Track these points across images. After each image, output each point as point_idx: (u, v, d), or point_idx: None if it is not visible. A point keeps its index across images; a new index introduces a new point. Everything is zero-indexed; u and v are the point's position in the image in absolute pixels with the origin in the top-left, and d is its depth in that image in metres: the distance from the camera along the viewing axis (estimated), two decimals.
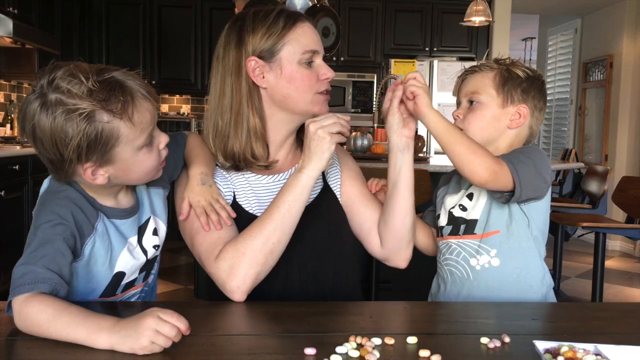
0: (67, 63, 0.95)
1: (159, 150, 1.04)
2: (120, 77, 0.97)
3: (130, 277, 1.11)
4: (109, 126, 0.94)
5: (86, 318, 0.85)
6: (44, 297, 0.88)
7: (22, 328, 0.88)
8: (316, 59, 1.20)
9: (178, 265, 4.41)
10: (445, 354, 0.83)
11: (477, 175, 1.12)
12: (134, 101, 0.96)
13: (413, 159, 1.22)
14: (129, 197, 1.11)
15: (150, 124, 1.00)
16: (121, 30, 5.56)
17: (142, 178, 1.05)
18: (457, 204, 1.29)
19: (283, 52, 1.17)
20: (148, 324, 0.81)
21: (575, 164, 4.22)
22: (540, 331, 0.98)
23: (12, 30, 3.73)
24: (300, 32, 1.18)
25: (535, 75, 1.30)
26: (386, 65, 5.44)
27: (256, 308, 1.05)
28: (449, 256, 1.28)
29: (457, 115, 1.30)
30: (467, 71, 1.33)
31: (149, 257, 1.13)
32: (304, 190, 1.11)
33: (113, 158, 0.97)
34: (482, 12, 4.07)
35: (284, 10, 1.20)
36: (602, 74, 5.73)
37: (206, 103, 6.15)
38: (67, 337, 0.84)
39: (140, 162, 1.01)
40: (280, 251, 1.10)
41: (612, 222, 3.27)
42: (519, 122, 1.27)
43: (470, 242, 1.25)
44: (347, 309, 1.08)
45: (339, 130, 1.10)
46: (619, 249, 5.52)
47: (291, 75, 1.17)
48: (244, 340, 0.90)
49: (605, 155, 5.65)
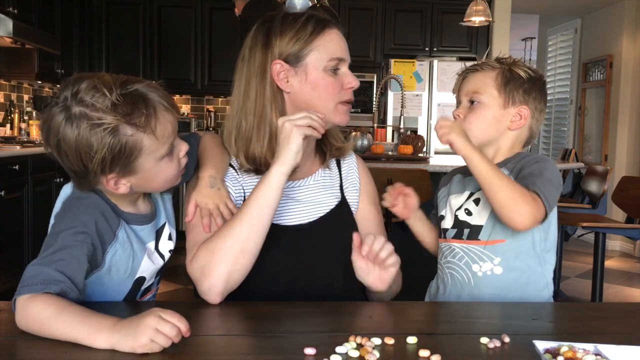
0: (91, 75, 0.97)
1: (179, 158, 1.05)
2: (143, 90, 0.98)
3: (150, 282, 1.12)
4: (132, 139, 0.95)
5: (87, 317, 0.85)
6: (48, 297, 0.89)
7: (22, 326, 0.88)
8: (342, 67, 1.19)
9: (178, 265, 4.39)
10: (445, 354, 0.83)
11: (517, 224, 1.10)
12: (156, 114, 0.98)
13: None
14: (146, 203, 1.12)
15: (172, 134, 1.01)
16: (121, 30, 5.56)
17: (163, 186, 1.07)
18: (463, 207, 1.27)
19: (309, 58, 1.16)
20: (149, 323, 0.81)
21: (575, 164, 4.21)
22: (540, 331, 0.98)
23: (12, 30, 3.73)
24: (329, 39, 1.17)
25: (537, 76, 1.29)
26: (386, 65, 5.44)
27: (256, 308, 1.05)
28: (451, 259, 1.27)
29: (457, 115, 1.28)
30: (468, 69, 1.31)
31: (166, 261, 1.14)
32: (273, 187, 1.08)
33: (136, 169, 0.99)
34: (482, 12, 4.07)
35: (313, 15, 1.19)
36: (602, 74, 5.73)
37: (206, 103, 6.14)
38: (68, 336, 0.84)
39: (162, 172, 1.03)
40: (253, 250, 1.08)
41: (612, 222, 3.27)
42: (519, 124, 1.26)
43: (473, 247, 1.23)
44: (347, 309, 1.08)
45: (308, 124, 1.08)
46: (619, 249, 5.52)
47: (316, 81, 1.16)
48: (243, 340, 0.90)
49: (605, 155, 5.65)
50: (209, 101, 6.00)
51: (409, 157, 3.21)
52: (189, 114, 5.93)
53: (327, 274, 1.20)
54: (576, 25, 6.26)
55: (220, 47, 5.56)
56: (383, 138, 3.95)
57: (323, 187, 1.27)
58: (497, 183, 1.10)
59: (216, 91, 5.78)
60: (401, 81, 3.76)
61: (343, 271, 1.18)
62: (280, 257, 1.17)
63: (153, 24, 5.58)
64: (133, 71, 5.59)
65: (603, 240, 3.12)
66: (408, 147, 3.24)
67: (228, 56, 5.60)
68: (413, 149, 3.26)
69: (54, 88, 5.41)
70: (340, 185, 1.30)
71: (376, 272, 1.10)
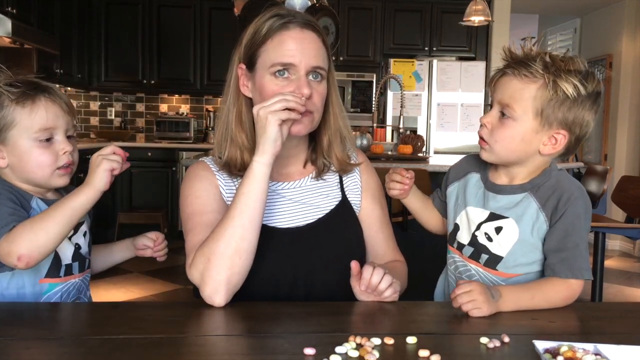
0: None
1: (59, 154, 1.16)
2: (42, 82, 1.18)
3: (66, 261, 1.19)
4: (8, 109, 1.13)
5: (63, 200, 1.06)
6: (19, 225, 1.04)
7: (21, 248, 1.02)
8: (292, 74, 1.11)
9: (177, 265, 4.40)
10: (444, 353, 0.83)
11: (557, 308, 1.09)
12: (37, 97, 1.14)
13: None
14: (57, 195, 1.22)
15: (51, 123, 1.15)
16: (120, 30, 5.56)
17: (38, 174, 1.16)
18: (483, 230, 1.19)
19: (259, 62, 1.13)
20: (94, 159, 1.05)
21: (575, 164, 4.21)
22: (539, 331, 0.98)
23: (11, 30, 3.72)
24: (278, 41, 1.11)
25: (588, 92, 1.08)
26: (385, 64, 5.44)
27: (256, 308, 1.05)
28: (465, 277, 1.22)
29: (485, 124, 1.15)
30: (509, 66, 1.12)
31: (80, 251, 1.23)
32: (257, 179, 1.05)
33: (8, 140, 1.14)
34: (482, 11, 4.07)
35: (276, 14, 1.13)
36: (601, 74, 5.73)
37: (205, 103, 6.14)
38: (63, 216, 1.04)
39: (34, 156, 1.15)
40: (248, 248, 1.05)
41: (611, 222, 3.27)
42: (553, 149, 1.12)
43: (491, 276, 1.18)
44: (347, 309, 1.08)
45: (284, 107, 1.03)
46: (619, 249, 5.52)
47: (261, 87, 1.13)
48: (243, 340, 0.90)
49: (604, 155, 5.65)
50: (208, 101, 6.00)
51: (409, 156, 3.21)
52: (188, 113, 5.92)
53: (327, 276, 1.18)
54: (576, 25, 6.26)
55: (220, 47, 5.56)
56: (382, 138, 3.95)
57: (320, 187, 1.25)
58: (534, 303, 1.07)
59: (215, 91, 5.78)
60: (401, 81, 3.76)
61: (344, 273, 1.16)
62: (278, 261, 1.16)
63: (152, 23, 5.58)
64: (132, 71, 5.60)
65: (603, 240, 3.12)
66: (407, 146, 3.25)
67: (227, 56, 5.59)
68: (412, 149, 3.26)
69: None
70: (341, 184, 1.27)
71: (376, 298, 1.09)
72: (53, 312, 1.08)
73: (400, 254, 1.31)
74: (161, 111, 5.99)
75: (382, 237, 1.29)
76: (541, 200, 1.14)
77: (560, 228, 1.12)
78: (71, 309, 1.12)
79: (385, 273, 1.06)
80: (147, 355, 0.81)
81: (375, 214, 1.29)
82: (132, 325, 0.96)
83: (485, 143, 1.16)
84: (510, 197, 1.18)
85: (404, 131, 3.81)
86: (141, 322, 0.97)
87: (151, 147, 5.41)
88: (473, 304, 1.01)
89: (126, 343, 0.86)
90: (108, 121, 5.98)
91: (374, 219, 1.29)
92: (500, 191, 1.19)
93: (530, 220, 1.15)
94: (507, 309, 1.05)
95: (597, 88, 1.10)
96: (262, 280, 1.13)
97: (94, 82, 5.63)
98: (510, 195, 1.18)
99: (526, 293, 1.08)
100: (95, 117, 5.96)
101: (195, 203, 1.17)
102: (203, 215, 1.15)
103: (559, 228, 1.12)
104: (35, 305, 1.11)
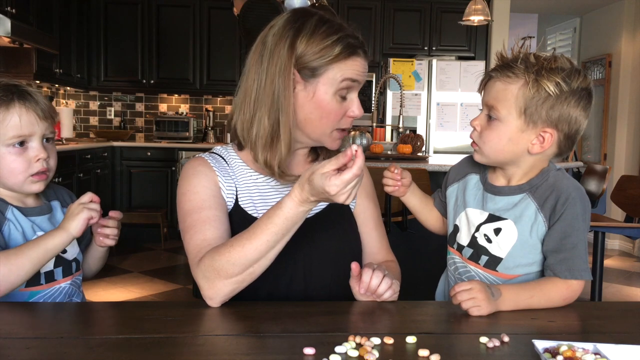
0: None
1: (32, 161, 1.16)
2: (23, 87, 1.16)
3: (45, 269, 1.18)
4: None
5: (36, 241, 1.10)
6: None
7: None
8: (352, 93, 1.18)
9: (177, 265, 4.41)
10: (444, 353, 0.83)
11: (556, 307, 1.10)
12: (10, 102, 1.13)
13: None
14: (37, 201, 1.24)
15: (25, 130, 1.14)
16: (120, 29, 5.56)
17: (10, 180, 1.16)
18: (482, 231, 1.20)
19: (324, 77, 1.13)
20: (74, 209, 1.12)
21: (574, 163, 4.21)
22: (539, 330, 0.98)
23: (10, 30, 3.72)
24: (351, 64, 1.16)
25: (572, 89, 1.08)
26: (385, 64, 5.44)
27: (255, 308, 1.05)
28: (465, 279, 1.22)
29: (475, 126, 1.17)
30: (495, 69, 1.14)
31: (64, 256, 1.22)
32: (290, 220, 0.99)
33: None
34: (481, 11, 4.07)
35: (347, 36, 1.16)
36: (600, 73, 5.73)
37: (205, 102, 6.14)
38: (37, 255, 1.08)
39: (6, 163, 1.15)
40: (260, 271, 1.04)
41: (611, 221, 3.27)
42: (541, 147, 1.12)
43: (491, 277, 1.19)
44: (347, 308, 1.08)
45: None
46: (618, 248, 5.52)
47: (321, 103, 1.13)
48: (243, 340, 0.90)
49: (604, 154, 5.65)
50: (208, 100, 5.99)
51: (408, 156, 3.21)
52: (187, 113, 5.92)
53: (325, 271, 1.19)
54: (575, 25, 6.26)
55: (219, 47, 5.56)
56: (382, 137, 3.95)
57: None
58: (533, 302, 1.07)
59: (215, 90, 5.78)
60: (400, 80, 3.76)
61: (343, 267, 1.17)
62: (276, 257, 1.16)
63: (152, 23, 5.58)
64: (132, 70, 5.60)
65: (602, 239, 3.12)
66: (407, 146, 3.25)
67: (227, 56, 5.61)
68: (412, 149, 3.26)
69: (52, 88, 5.41)
70: None
71: (375, 299, 1.10)
72: (53, 312, 1.08)
73: (392, 254, 1.33)
74: (160, 111, 5.99)
75: (376, 234, 1.31)
76: (539, 201, 1.15)
77: (559, 229, 1.12)
78: (71, 309, 1.12)
79: (385, 275, 1.07)
80: (147, 355, 0.81)
81: (369, 212, 1.31)
82: (132, 325, 0.96)
83: (476, 145, 1.18)
84: (509, 198, 1.18)
85: (403, 131, 3.81)
86: (141, 322, 0.97)
87: (150, 147, 5.41)
88: (473, 301, 1.01)
89: (126, 343, 0.86)
90: (107, 121, 5.98)
91: (368, 216, 1.30)
92: (498, 192, 1.20)
93: (528, 221, 1.15)
94: (507, 308, 1.05)
95: (583, 84, 1.09)
96: (260, 276, 1.13)
97: (94, 81, 5.63)
98: (509, 197, 1.18)
99: (526, 292, 1.08)
100: (95, 117, 5.96)
101: (194, 199, 1.15)
102: (202, 211, 1.13)
103: (557, 229, 1.12)
104: (35, 305, 1.11)
